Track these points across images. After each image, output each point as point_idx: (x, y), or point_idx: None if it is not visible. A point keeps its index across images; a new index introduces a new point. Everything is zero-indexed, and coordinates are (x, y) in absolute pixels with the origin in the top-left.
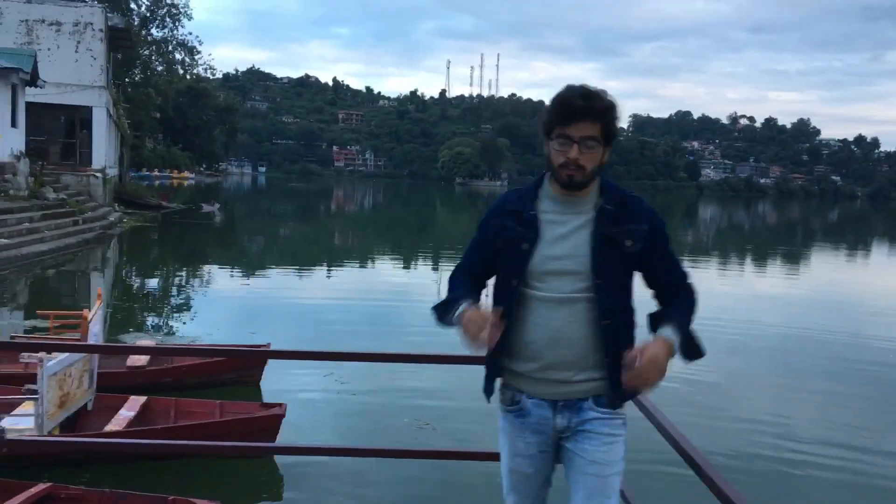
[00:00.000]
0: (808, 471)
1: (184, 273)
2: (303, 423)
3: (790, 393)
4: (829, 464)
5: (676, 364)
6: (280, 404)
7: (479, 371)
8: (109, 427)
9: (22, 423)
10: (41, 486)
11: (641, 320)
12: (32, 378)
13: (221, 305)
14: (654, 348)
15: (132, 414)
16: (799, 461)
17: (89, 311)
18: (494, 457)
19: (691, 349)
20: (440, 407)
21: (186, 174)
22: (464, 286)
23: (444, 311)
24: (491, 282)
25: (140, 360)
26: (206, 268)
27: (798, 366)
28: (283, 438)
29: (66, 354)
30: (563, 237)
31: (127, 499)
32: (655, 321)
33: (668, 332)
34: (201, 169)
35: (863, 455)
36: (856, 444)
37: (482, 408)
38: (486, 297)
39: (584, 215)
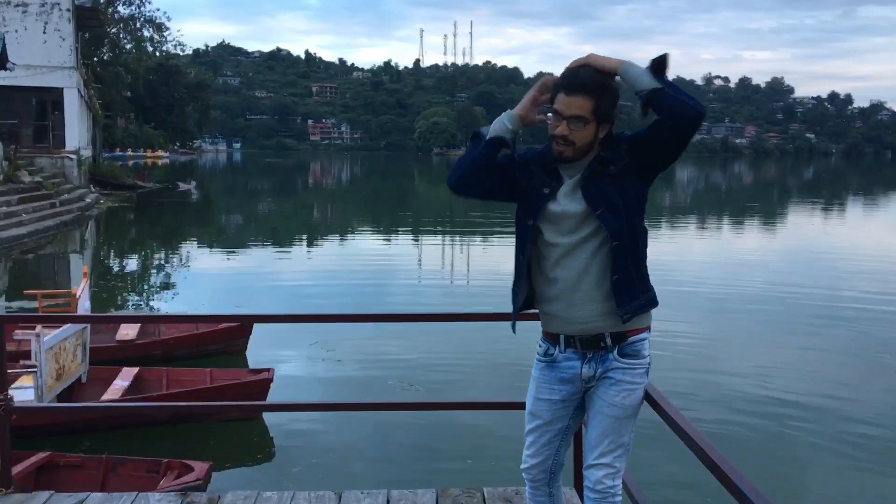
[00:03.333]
0: (791, 426)
1: (163, 252)
2: (289, 389)
3: (770, 350)
4: (810, 417)
5: (656, 327)
6: (268, 369)
7: (462, 334)
8: (105, 397)
9: (22, 395)
10: (41, 455)
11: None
12: (26, 355)
13: (203, 282)
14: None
15: (126, 384)
16: (781, 417)
17: (77, 288)
18: (469, 406)
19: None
20: (422, 371)
21: (161, 153)
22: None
23: (480, 134)
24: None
25: (129, 333)
26: (186, 246)
27: (777, 323)
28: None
29: (61, 329)
30: (572, 188)
31: (124, 464)
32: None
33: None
34: (175, 147)
35: (843, 406)
36: (836, 396)
37: (462, 369)
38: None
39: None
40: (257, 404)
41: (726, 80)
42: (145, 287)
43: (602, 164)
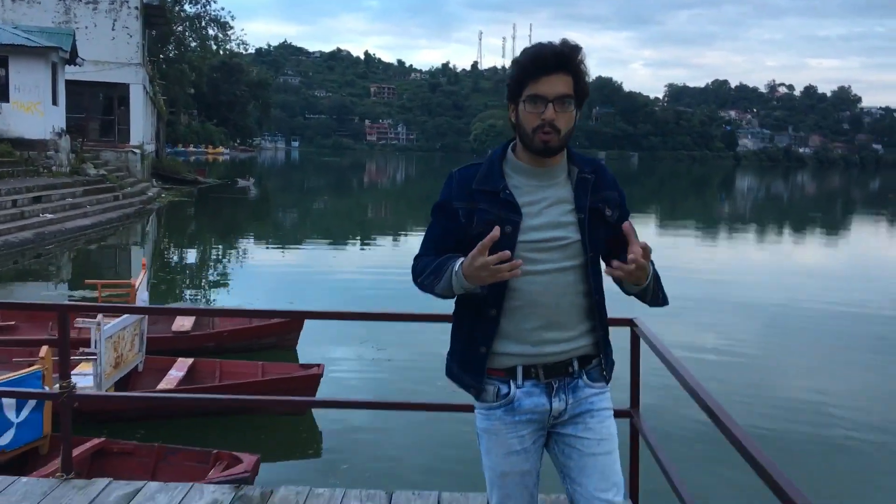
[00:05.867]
0: (846, 445)
1: (221, 246)
2: (338, 385)
3: (829, 366)
4: (867, 437)
5: (713, 337)
6: (318, 365)
7: None
8: (160, 386)
9: (81, 382)
10: (95, 441)
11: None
12: (85, 342)
13: (258, 277)
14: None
15: (181, 374)
16: (838, 435)
17: (136, 280)
18: None
19: (657, 290)
20: None
21: (221, 150)
22: (436, 260)
23: (434, 279)
24: None
25: (185, 325)
26: (243, 241)
27: (837, 339)
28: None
29: (121, 318)
30: (545, 213)
31: (175, 453)
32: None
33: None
34: (235, 144)
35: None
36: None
37: None
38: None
39: (560, 187)
40: (306, 400)
41: (791, 87)
42: (202, 280)
43: (595, 194)
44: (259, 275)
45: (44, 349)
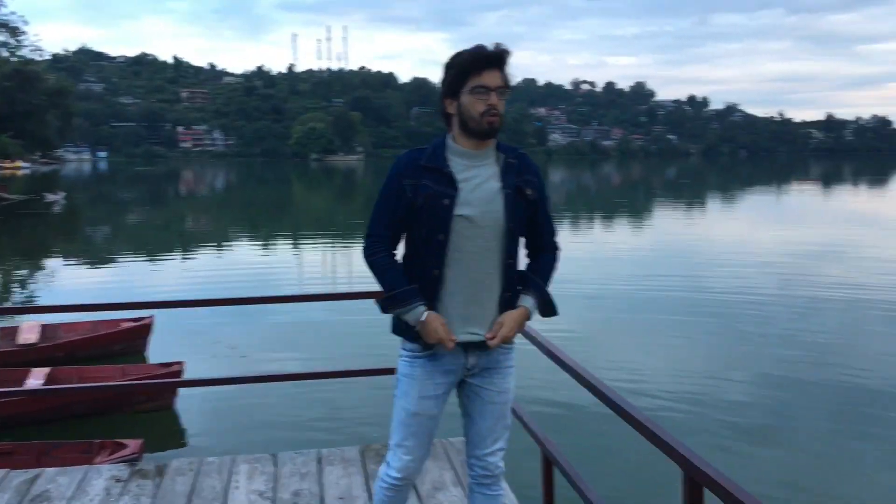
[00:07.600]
0: (664, 413)
1: (29, 267)
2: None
3: (642, 340)
4: (685, 403)
5: (538, 323)
6: (179, 362)
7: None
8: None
9: None
10: None
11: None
12: None
13: (77, 296)
14: (513, 318)
15: (39, 383)
16: (655, 403)
17: None
18: (383, 371)
19: (546, 309)
20: (327, 358)
21: (20, 163)
22: (398, 270)
23: (393, 304)
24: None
25: (30, 337)
26: (52, 260)
27: (647, 316)
28: (181, 399)
29: None
30: (477, 189)
31: (57, 447)
32: (521, 280)
33: (529, 302)
34: (36, 157)
35: (715, 390)
36: (706, 381)
37: (361, 350)
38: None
39: (490, 168)
40: (185, 381)
41: (593, 84)
42: (20, 301)
43: (518, 176)
44: (77, 292)
45: None
